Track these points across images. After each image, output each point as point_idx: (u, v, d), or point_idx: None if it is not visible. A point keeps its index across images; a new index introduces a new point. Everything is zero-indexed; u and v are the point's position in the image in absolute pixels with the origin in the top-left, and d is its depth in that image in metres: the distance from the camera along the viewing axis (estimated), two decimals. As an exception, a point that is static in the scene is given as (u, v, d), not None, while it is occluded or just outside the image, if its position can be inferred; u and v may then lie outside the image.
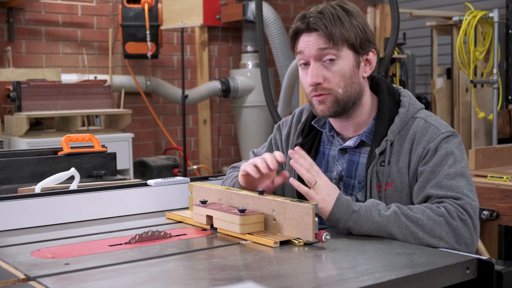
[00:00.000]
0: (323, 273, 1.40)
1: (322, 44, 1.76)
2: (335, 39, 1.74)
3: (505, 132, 4.48)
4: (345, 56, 1.77)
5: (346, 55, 1.77)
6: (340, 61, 1.77)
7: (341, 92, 1.78)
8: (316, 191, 1.66)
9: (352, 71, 1.79)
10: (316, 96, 1.79)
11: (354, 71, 1.79)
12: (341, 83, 1.77)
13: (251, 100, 6.26)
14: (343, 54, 1.77)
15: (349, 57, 1.78)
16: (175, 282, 1.32)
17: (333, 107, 1.79)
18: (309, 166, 1.70)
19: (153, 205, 2.09)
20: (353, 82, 1.79)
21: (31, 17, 5.49)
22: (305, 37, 1.79)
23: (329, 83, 1.77)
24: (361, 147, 1.86)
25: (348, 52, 1.78)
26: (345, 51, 1.77)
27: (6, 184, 2.52)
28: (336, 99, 1.78)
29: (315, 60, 1.77)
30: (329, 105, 1.79)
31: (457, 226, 1.61)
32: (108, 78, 5.55)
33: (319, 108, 1.81)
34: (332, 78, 1.77)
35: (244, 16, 5.89)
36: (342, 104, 1.79)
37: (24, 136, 4.52)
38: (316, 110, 1.83)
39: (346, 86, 1.78)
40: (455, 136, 1.77)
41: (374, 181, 1.77)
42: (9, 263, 1.44)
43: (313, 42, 1.77)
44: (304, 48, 1.79)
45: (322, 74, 1.77)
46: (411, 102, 1.84)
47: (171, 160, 5.58)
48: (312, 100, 1.82)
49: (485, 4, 5.42)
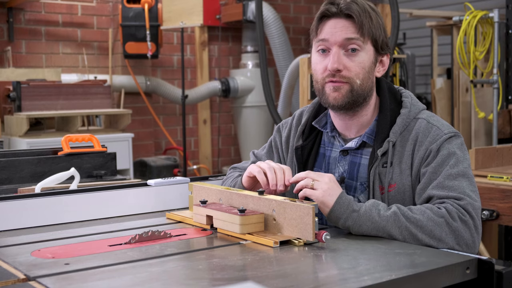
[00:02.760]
0: (323, 273, 1.40)
1: (350, 33, 1.75)
2: (364, 29, 1.75)
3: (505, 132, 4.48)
4: (368, 49, 1.78)
5: (369, 49, 1.78)
6: (363, 53, 1.77)
7: (359, 83, 1.77)
8: (317, 187, 1.65)
9: (370, 66, 1.80)
10: (332, 82, 1.78)
11: (371, 67, 1.80)
12: (360, 74, 1.77)
13: (251, 100, 6.26)
14: (367, 47, 1.77)
15: (370, 51, 1.79)
16: (175, 282, 1.32)
17: (346, 97, 1.78)
18: (304, 175, 1.69)
19: (153, 205, 2.09)
20: (369, 78, 1.80)
21: (31, 17, 5.49)
22: (332, 22, 1.77)
23: (348, 71, 1.77)
24: (363, 148, 1.85)
25: (370, 47, 1.78)
26: (369, 45, 1.78)
27: (6, 184, 2.52)
28: (351, 88, 1.77)
29: (339, 47, 1.76)
30: (343, 94, 1.77)
31: (458, 227, 1.60)
32: (108, 78, 5.55)
33: (332, 95, 1.78)
34: (353, 67, 1.76)
35: (244, 16, 5.89)
36: (355, 95, 1.78)
37: (24, 136, 4.52)
38: (327, 97, 1.80)
39: (363, 79, 1.78)
40: (457, 137, 1.77)
41: (376, 182, 1.77)
42: (9, 263, 1.44)
43: (341, 29, 1.76)
44: (330, 35, 1.76)
45: (343, 62, 1.76)
46: (413, 103, 1.84)
47: (171, 160, 5.57)
48: (326, 86, 1.79)
49: (485, 4, 5.42)
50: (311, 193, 1.65)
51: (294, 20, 6.88)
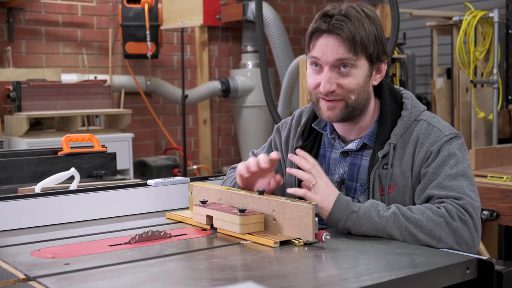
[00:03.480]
0: (323, 273, 1.40)
1: (341, 53, 1.70)
2: (357, 47, 1.70)
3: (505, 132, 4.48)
4: (361, 65, 1.74)
5: (362, 64, 1.74)
6: (356, 70, 1.74)
7: (353, 98, 1.75)
8: (316, 191, 1.66)
9: (365, 80, 1.76)
10: (326, 101, 1.76)
11: (366, 80, 1.77)
12: (355, 90, 1.75)
13: (251, 100, 6.26)
14: (360, 64, 1.73)
15: (364, 66, 1.75)
16: (175, 282, 1.32)
17: (341, 114, 1.77)
18: (310, 167, 1.69)
19: (153, 205, 2.09)
20: (364, 91, 1.78)
21: (31, 17, 5.49)
22: (323, 40, 1.73)
23: (342, 89, 1.74)
24: (363, 150, 1.85)
25: (364, 61, 1.74)
26: (362, 61, 1.74)
27: (6, 184, 2.52)
28: (346, 105, 1.76)
29: (330, 67, 1.73)
30: (338, 112, 1.77)
31: (457, 227, 1.60)
32: (108, 78, 5.55)
33: (326, 114, 1.78)
34: (347, 85, 1.74)
35: (244, 16, 5.89)
36: (350, 110, 1.77)
37: (24, 136, 4.52)
38: (321, 114, 1.80)
39: (358, 93, 1.76)
40: (458, 138, 1.77)
41: (376, 184, 1.77)
42: (9, 263, 1.44)
43: (332, 49, 1.71)
44: (321, 54, 1.73)
45: (336, 81, 1.74)
46: (413, 105, 1.83)
47: (171, 160, 5.57)
48: (320, 102, 1.79)
49: (485, 4, 5.42)
50: (311, 196, 1.66)
51: (294, 20, 6.88)
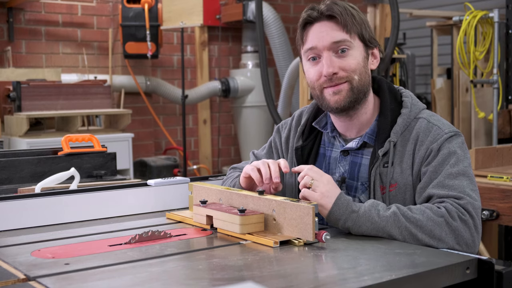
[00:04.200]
0: (323, 273, 1.40)
1: (336, 35, 1.76)
2: (349, 27, 1.75)
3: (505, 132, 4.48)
4: (357, 46, 1.79)
5: (358, 45, 1.79)
6: (353, 51, 1.78)
7: (357, 78, 1.78)
8: (315, 189, 1.65)
9: (364, 60, 1.81)
10: (331, 86, 1.78)
11: (365, 61, 1.81)
12: (357, 70, 1.78)
13: (251, 100, 6.26)
14: (355, 44, 1.78)
15: (360, 47, 1.80)
16: (175, 282, 1.32)
17: (348, 97, 1.78)
18: (307, 169, 1.69)
19: (153, 205, 2.09)
20: (366, 72, 1.81)
21: (31, 17, 5.49)
22: (317, 27, 1.78)
23: (345, 71, 1.77)
24: (363, 148, 1.85)
25: (359, 43, 1.79)
26: (357, 41, 1.79)
27: (6, 184, 2.52)
28: (351, 87, 1.78)
29: (328, 51, 1.77)
30: (344, 95, 1.78)
31: (458, 227, 1.60)
32: (108, 78, 5.55)
33: (333, 99, 1.79)
34: (348, 66, 1.77)
35: (244, 16, 5.89)
36: (356, 92, 1.78)
37: (24, 136, 4.52)
38: (328, 103, 1.80)
39: (361, 73, 1.79)
40: (458, 136, 1.77)
41: (377, 182, 1.77)
42: (9, 263, 1.44)
43: (326, 33, 1.76)
44: (317, 41, 1.77)
45: (337, 65, 1.77)
46: (413, 103, 1.84)
47: (171, 160, 5.57)
48: (324, 91, 1.80)
49: (485, 4, 5.42)
50: (309, 194, 1.65)
51: (294, 20, 6.88)
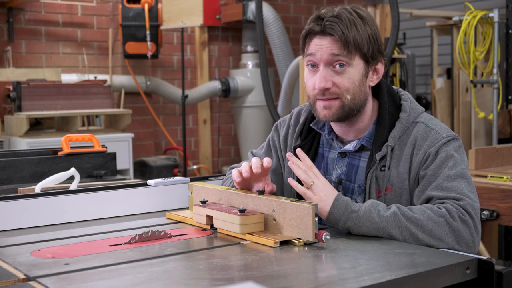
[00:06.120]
0: (323, 273, 1.40)
1: (335, 50, 1.72)
2: (350, 46, 1.72)
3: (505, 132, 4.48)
4: (356, 64, 1.75)
5: (357, 63, 1.75)
6: (351, 69, 1.75)
7: (349, 98, 1.76)
8: (314, 192, 1.66)
9: (361, 80, 1.77)
10: (323, 100, 1.77)
11: (362, 80, 1.77)
12: (350, 89, 1.75)
13: (251, 100, 6.26)
14: (354, 63, 1.74)
15: (359, 65, 1.76)
16: (175, 282, 1.32)
17: (337, 113, 1.77)
18: (307, 168, 1.70)
19: (153, 205, 2.09)
20: (361, 91, 1.78)
21: (31, 17, 5.49)
22: (318, 40, 1.75)
23: (338, 88, 1.75)
24: (361, 151, 1.85)
25: (359, 61, 1.75)
26: (356, 60, 1.75)
27: (6, 184, 2.52)
28: (342, 105, 1.76)
29: (325, 65, 1.75)
30: (334, 111, 1.77)
31: (458, 227, 1.60)
32: (108, 78, 5.55)
33: (322, 113, 1.78)
34: (342, 83, 1.74)
35: (244, 16, 5.89)
36: (347, 110, 1.77)
37: (24, 136, 4.52)
38: (318, 114, 1.80)
39: (354, 93, 1.76)
40: (455, 140, 1.77)
41: (373, 186, 1.77)
42: (9, 263, 1.44)
43: (326, 46, 1.74)
44: (316, 50, 1.75)
45: (331, 79, 1.75)
46: (412, 107, 1.83)
47: (171, 160, 5.57)
48: (316, 103, 1.79)
49: (485, 4, 5.42)
50: (310, 196, 1.66)
51: (294, 20, 6.88)
